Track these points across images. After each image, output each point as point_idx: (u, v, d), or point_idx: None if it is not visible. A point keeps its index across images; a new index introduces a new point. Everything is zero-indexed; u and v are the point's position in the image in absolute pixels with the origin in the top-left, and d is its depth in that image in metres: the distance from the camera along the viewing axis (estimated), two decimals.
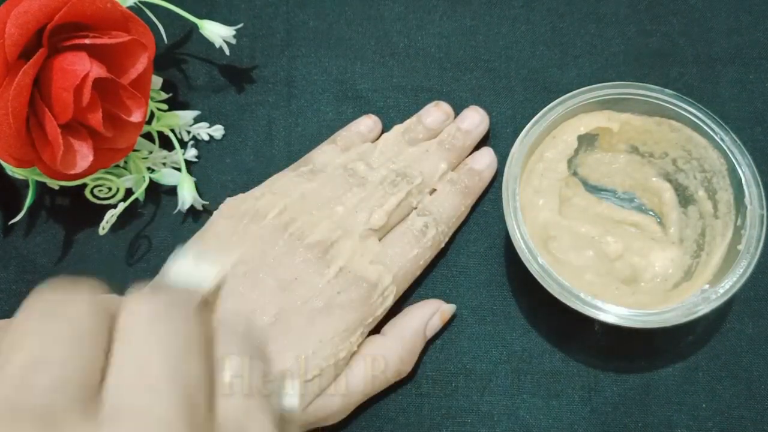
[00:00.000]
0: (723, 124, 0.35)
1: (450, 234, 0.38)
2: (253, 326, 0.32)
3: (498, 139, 0.41)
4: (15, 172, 0.37)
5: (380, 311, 0.34)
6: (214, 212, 0.36)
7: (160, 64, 0.42)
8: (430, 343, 0.37)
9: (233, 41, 0.39)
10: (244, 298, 0.32)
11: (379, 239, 0.35)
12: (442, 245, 0.37)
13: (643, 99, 0.36)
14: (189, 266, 0.30)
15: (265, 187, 0.37)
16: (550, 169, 0.36)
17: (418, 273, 0.36)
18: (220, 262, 0.33)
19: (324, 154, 0.38)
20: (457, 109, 0.40)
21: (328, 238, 0.34)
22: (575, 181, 0.38)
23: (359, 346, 0.34)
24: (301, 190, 0.36)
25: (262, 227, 0.34)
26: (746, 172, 0.34)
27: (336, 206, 0.35)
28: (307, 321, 0.32)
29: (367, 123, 0.40)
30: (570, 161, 0.37)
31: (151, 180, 0.39)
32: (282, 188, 0.36)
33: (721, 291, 0.32)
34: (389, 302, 0.34)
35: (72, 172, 0.34)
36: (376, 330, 0.35)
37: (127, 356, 0.21)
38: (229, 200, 0.37)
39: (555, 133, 0.36)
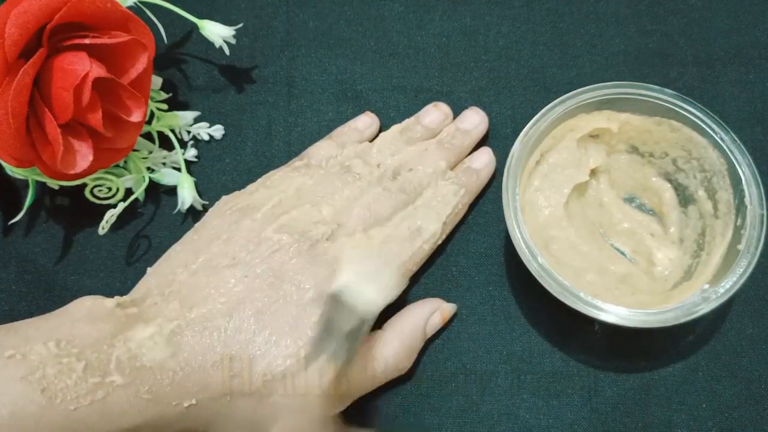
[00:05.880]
0: (723, 124, 0.35)
1: (447, 232, 0.37)
2: None
3: (498, 139, 0.41)
4: (15, 172, 0.37)
5: None
6: (209, 209, 0.36)
7: (160, 64, 0.42)
8: (430, 342, 0.37)
9: (233, 41, 0.39)
10: (235, 290, 0.32)
11: (375, 236, 0.35)
12: (439, 242, 0.37)
13: (643, 99, 0.36)
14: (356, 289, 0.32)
15: (259, 182, 0.37)
16: (557, 171, 0.37)
17: (414, 270, 0.36)
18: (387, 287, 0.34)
19: (320, 149, 0.38)
20: (457, 110, 0.40)
21: (322, 233, 0.34)
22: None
23: None
24: (296, 184, 0.36)
25: (255, 220, 0.34)
26: (746, 172, 0.34)
27: (331, 201, 0.35)
28: (300, 313, 0.32)
29: (365, 120, 0.40)
30: None
31: (151, 180, 0.39)
32: (276, 183, 0.36)
33: (721, 291, 0.32)
34: None
35: (72, 172, 0.34)
36: (377, 327, 0.35)
37: None
38: (224, 197, 0.37)
39: (555, 133, 0.36)
